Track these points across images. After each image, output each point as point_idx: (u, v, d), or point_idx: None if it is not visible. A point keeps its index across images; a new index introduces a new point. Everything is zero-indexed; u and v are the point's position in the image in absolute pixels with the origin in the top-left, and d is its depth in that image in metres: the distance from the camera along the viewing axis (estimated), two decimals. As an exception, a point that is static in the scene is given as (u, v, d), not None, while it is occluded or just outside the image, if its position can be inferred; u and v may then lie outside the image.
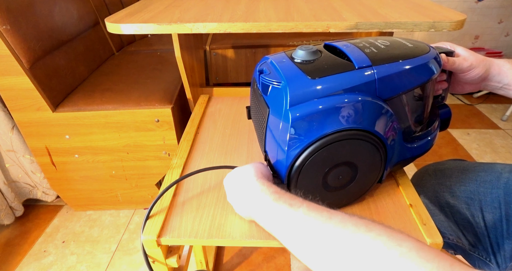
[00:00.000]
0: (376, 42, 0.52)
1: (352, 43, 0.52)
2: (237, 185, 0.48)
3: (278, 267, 1.13)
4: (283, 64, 0.49)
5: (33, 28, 1.05)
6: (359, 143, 0.47)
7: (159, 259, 0.53)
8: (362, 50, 0.49)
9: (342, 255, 0.32)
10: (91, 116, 1.10)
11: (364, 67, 0.47)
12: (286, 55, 0.52)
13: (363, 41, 0.53)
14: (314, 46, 0.51)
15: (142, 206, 1.39)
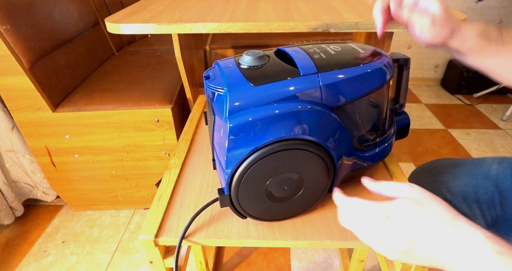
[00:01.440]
0: (327, 48, 0.51)
1: (303, 48, 0.50)
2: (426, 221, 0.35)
3: (278, 267, 1.13)
4: (228, 70, 0.48)
5: (33, 28, 1.05)
6: (302, 153, 0.45)
7: (157, 259, 0.53)
8: (310, 56, 0.48)
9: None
10: (91, 116, 1.10)
11: (309, 74, 0.45)
12: (234, 60, 0.50)
13: (316, 47, 0.51)
14: (262, 52, 0.49)
15: (142, 206, 1.39)
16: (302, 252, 1.19)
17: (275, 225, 0.51)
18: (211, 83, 0.48)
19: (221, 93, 0.45)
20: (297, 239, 0.49)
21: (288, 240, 0.49)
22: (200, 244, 0.51)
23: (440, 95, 2.29)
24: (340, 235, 0.49)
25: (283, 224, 0.51)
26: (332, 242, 0.49)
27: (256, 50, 0.49)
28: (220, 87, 0.45)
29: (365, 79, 0.47)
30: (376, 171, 0.63)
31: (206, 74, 0.50)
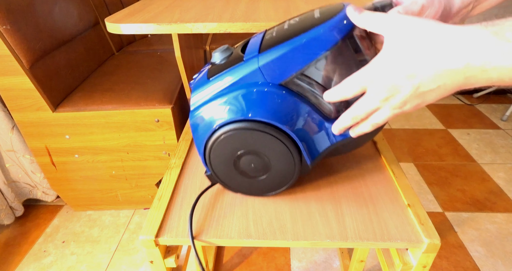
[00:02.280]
0: (286, 22, 0.51)
1: (270, 29, 0.52)
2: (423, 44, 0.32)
3: (278, 267, 1.13)
4: (204, 68, 0.54)
5: (33, 28, 1.05)
6: (253, 133, 0.47)
7: (157, 259, 0.53)
8: (263, 38, 0.49)
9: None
10: (91, 116, 1.10)
11: (250, 58, 0.47)
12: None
13: (282, 23, 0.52)
14: (226, 46, 0.52)
15: (142, 206, 1.39)
16: (302, 252, 1.19)
17: (276, 225, 0.51)
18: (194, 82, 0.54)
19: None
20: (297, 239, 0.49)
21: (288, 240, 0.49)
22: (200, 244, 0.51)
23: (440, 95, 2.29)
24: (340, 235, 0.49)
25: (283, 224, 0.51)
26: (332, 242, 0.49)
27: (224, 46, 0.53)
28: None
29: (305, 49, 0.44)
30: (376, 171, 0.63)
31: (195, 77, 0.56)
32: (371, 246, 0.49)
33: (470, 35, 0.29)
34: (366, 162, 0.65)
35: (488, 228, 1.25)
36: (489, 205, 1.36)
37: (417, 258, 0.49)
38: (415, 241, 0.48)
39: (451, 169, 1.57)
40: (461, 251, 1.17)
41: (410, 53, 0.32)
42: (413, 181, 1.49)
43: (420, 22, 0.32)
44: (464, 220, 1.29)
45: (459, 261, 1.13)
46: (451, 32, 0.30)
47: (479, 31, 0.29)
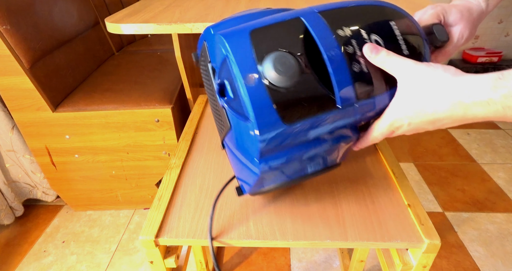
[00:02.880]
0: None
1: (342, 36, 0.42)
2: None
3: (278, 267, 1.13)
4: (250, 88, 0.38)
5: (33, 28, 1.05)
6: None
7: (157, 259, 0.53)
8: (349, 70, 0.40)
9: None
10: (91, 116, 1.10)
11: (347, 105, 0.40)
12: (254, 56, 0.39)
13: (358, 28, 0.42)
14: (290, 56, 0.39)
15: (142, 206, 1.39)
16: (302, 252, 1.19)
17: (276, 225, 0.51)
18: (230, 104, 0.41)
19: (246, 123, 0.40)
20: (297, 239, 0.49)
21: (288, 240, 0.49)
22: (201, 244, 0.51)
23: (440, 95, 2.29)
24: (340, 235, 0.49)
25: (284, 224, 0.51)
26: (333, 242, 0.49)
27: (284, 53, 0.39)
28: (243, 115, 0.40)
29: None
30: (376, 171, 0.63)
31: (221, 82, 0.42)
32: (371, 246, 0.49)
33: (471, 87, 0.35)
34: (366, 161, 0.65)
35: (488, 228, 1.25)
36: (489, 205, 1.36)
37: (417, 258, 0.49)
38: (415, 241, 0.48)
39: (451, 169, 1.57)
40: (461, 251, 1.17)
41: (426, 101, 0.38)
42: (413, 181, 1.49)
43: (430, 74, 0.38)
44: (464, 220, 1.29)
45: (459, 261, 1.13)
46: (455, 83, 0.36)
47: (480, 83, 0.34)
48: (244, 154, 0.45)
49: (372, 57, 0.40)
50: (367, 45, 0.40)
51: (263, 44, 0.39)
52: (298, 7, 0.48)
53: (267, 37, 0.40)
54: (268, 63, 0.38)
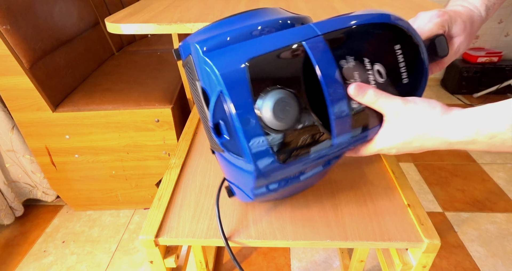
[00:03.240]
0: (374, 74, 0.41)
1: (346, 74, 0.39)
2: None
3: (278, 267, 1.13)
4: (247, 132, 0.37)
5: (33, 28, 1.05)
6: None
7: (157, 259, 0.53)
8: (348, 108, 0.40)
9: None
10: (91, 116, 1.10)
11: (342, 142, 0.41)
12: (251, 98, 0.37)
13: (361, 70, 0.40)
14: (289, 99, 0.37)
15: (142, 206, 1.39)
16: (302, 252, 1.19)
17: (276, 225, 0.51)
18: (226, 144, 0.40)
19: (240, 162, 0.40)
20: (297, 239, 0.49)
21: (288, 240, 0.49)
22: (200, 244, 0.51)
23: (440, 95, 2.29)
24: (340, 235, 0.49)
25: (284, 223, 0.51)
26: (332, 242, 0.49)
27: (282, 92, 0.37)
28: (236, 155, 0.40)
29: None
30: (376, 171, 0.63)
31: (215, 122, 0.39)
32: (371, 246, 0.49)
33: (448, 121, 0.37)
34: (366, 161, 0.65)
35: (488, 228, 1.25)
36: (489, 205, 1.36)
37: (417, 258, 0.49)
38: (415, 241, 0.48)
39: (451, 169, 1.57)
40: (461, 251, 1.17)
41: (413, 137, 0.39)
42: (413, 181, 1.49)
43: (418, 113, 0.39)
44: (464, 220, 1.29)
45: (459, 261, 1.13)
46: (442, 123, 0.37)
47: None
48: (238, 179, 0.45)
49: (358, 98, 0.40)
50: (352, 86, 0.39)
51: (262, 80, 0.37)
52: (298, 7, 0.48)
53: (266, 70, 0.37)
54: (267, 108, 0.36)
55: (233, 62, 0.36)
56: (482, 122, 0.34)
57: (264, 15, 0.42)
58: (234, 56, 0.36)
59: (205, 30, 0.41)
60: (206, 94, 0.39)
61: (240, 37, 0.38)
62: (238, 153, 0.39)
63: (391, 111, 0.40)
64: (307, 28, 0.39)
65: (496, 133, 0.33)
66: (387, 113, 0.40)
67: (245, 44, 0.38)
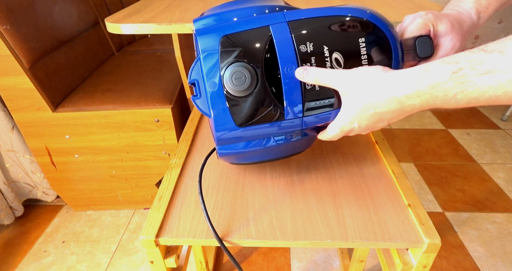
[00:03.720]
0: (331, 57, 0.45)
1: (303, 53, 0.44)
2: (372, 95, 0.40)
3: (278, 267, 1.13)
4: (212, 92, 0.45)
5: (33, 28, 1.05)
6: None
7: (157, 259, 0.53)
8: (301, 87, 0.45)
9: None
10: (91, 116, 1.10)
11: (294, 118, 0.46)
12: (219, 72, 0.45)
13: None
14: (246, 71, 0.44)
15: (142, 206, 1.39)
16: (302, 252, 1.19)
17: (276, 225, 0.51)
18: (198, 103, 0.48)
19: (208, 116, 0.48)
20: (297, 239, 0.49)
21: (289, 240, 0.49)
22: (201, 244, 0.51)
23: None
24: (341, 235, 0.49)
25: (284, 223, 0.52)
26: (333, 242, 0.49)
27: (240, 65, 0.44)
28: (205, 114, 0.47)
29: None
30: (376, 171, 0.63)
31: (192, 81, 0.47)
32: (372, 246, 0.49)
33: (396, 77, 0.38)
34: (366, 162, 0.65)
35: (488, 228, 1.25)
36: (489, 205, 1.36)
37: (418, 258, 0.49)
38: (415, 241, 0.48)
39: (451, 169, 1.57)
40: (461, 251, 1.17)
41: (364, 102, 0.40)
42: (413, 181, 1.49)
43: (361, 75, 0.41)
44: (464, 220, 1.29)
45: (459, 261, 1.13)
46: (385, 79, 0.39)
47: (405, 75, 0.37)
48: (212, 133, 0.53)
49: (305, 78, 0.43)
50: (297, 70, 0.44)
51: (229, 53, 0.44)
52: (298, 7, 0.48)
53: (235, 44, 0.44)
54: (227, 75, 0.44)
55: (211, 37, 0.44)
56: (423, 72, 0.35)
57: (255, 1, 0.50)
58: (213, 33, 0.45)
59: (206, 16, 0.48)
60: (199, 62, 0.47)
61: (227, 19, 0.47)
62: (206, 111, 0.47)
63: (337, 82, 0.42)
64: (279, 15, 0.45)
65: (437, 82, 0.34)
66: (334, 86, 0.42)
67: (226, 24, 0.45)
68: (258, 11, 0.47)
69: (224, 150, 0.51)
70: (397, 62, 0.45)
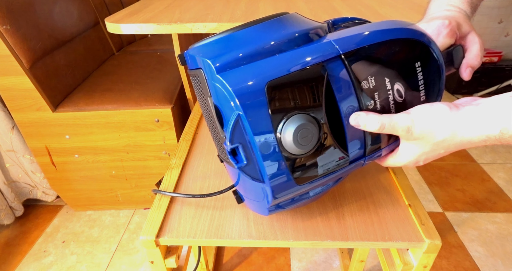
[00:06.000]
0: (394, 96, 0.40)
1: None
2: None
3: (278, 267, 1.13)
4: (267, 157, 0.37)
5: (33, 28, 1.05)
6: None
7: (157, 260, 0.53)
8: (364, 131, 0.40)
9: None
10: (91, 116, 1.10)
11: (356, 161, 0.42)
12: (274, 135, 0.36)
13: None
14: (310, 125, 0.36)
15: (142, 206, 1.39)
16: (302, 252, 1.19)
17: (276, 225, 0.51)
18: (243, 168, 0.39)
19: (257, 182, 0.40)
20: (298, 239, 0.49)
21: (289, 240, 0.49)
22: (201, 244, 0.51)
23: (440, 95, 2.29)
24: (341, 235, 0.49)
25: (284, 223, 0.51)
26: (333, 242, 0.49)
27: (303, 118, 0.36)
28: (257, 178, 0.39)
29: None
30: (376, 171, 0.63)
31: (233, 146, 0.38)
32: (372, 246, 0.49)
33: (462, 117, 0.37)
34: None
35: (488, 228, 1.25)
36: (489, 205, 1.36)
37: (418, 258, 0.49)
38: (415, 241, 0.48)
39: (451, 169, 1.57)
40: (461, 251, 1.17)
41: (439, 146, 0.39)
42: (413, 181, 1.49)
43: (432, 119, 0.38)
44: (464, 220, 1.29)
45: (459, 261, 1.13)
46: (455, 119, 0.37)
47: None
48: (252, 195, 0.45)
49: (364, 128, 0.39)
50: (352, 117, 0.38)
51: (282, 104, 0.35)
52: (298, 7, 0.48)
53: (285, 93, 0.35)
54: (288, 135, 0.36)
55: (251, 85, 0.34)
56: (506, 118, 0.33)
57: (280, 25, 0.39)
58: (251, 78, 0.34)
59: (215, 42, 0.38)
60: (219, 111, 0.38)
61: (255, 53, 0.36)
62: (257, 177, 0.39)
63: (401, 130, 0.38)
64: (327, 45, 0.37)
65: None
66: (399, 133, 0.39)
67: (262, 64, 0.35)
68: (288, 40, 0.37)
69: (273, 210, 0.45)
70: (443, 78, 0.43)
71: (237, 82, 0.34)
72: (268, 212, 0.45)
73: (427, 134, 0.38)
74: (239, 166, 0.38)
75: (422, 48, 0.40)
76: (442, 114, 0.37)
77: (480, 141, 0.35)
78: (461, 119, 0.36)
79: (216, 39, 0.38)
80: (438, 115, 0.37)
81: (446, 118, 0.37)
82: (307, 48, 0.37)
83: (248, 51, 0.36)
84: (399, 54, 0.39)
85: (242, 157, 0.38)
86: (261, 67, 0.35)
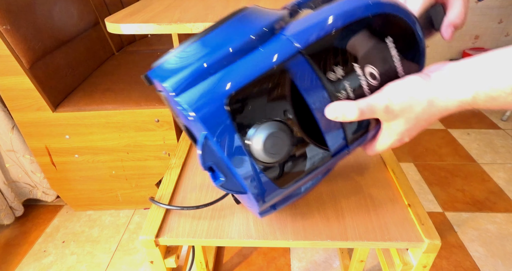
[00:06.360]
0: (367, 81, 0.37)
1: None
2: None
3: (278, 267, 1.13)
4: (239, 166, 0.36)
5: (33, 28, 1.05)
6: None
7: (157, 259, 0.53)
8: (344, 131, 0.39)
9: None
10: (91, 116, 1.10)
11: (339, 153, 0.40)
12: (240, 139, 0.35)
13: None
14: (279, 133, 0.35)
15: (142, 206, 1.39)
16: (302, 252, 1.19)
17: (276, 225, 0.51)
18: (224, 185, 0.38)
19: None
20: (297, 239, 0.49)
21: (289, 240, 0.49)
22: (201, 244, 0.51)
23: (440, 95, 2.29)
24: (341, 235, 0.49)
25: (284, 223, 0.51)
26: (333, 242, 0.49)
27: (271, 126, 0.34)
28: (239, 191, 0.39)
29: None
30: (376, 171, 0.63)
31: (208, 166, 0.37)
32: (372, 246, 0.49)
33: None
34: (366, 161, 0.65)
35: (488, 228, 1.25)
36: (489, 205, 1.36)
37: (418, 258, 0.49)
38: (415, 241, 0.48)
39: (451, 169, 1.57)
40: (461, 251, 1.17)
41: (420, 118, 0.37)
42: (413, 181, 1.49)
43: (407, 95, 0.37)
44: (464, 220, 1.29)
45: (459, 261, 1.13)
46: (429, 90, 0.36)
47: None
48: (245, 202, 0.46)
49: (341, 120, 0.37)
50: (328, 113, 0.36)
51: (247, 115, 0.34)
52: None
53: (249, 103, 0.34)
54: (257, 147, 0.34)
55: (211, 104, 0.33)
56: (479, 82, 0.32)
57: (237, 27, 0.38)
58: (210, 96, 0.33)
59: (172, 61, 0.37)
60: (190, 130, 0.37)
61: (212, 65, 0.34)
62: (239, 190, 0.38)
63: (380, 110, 0.37)
64: (285, 43, 0.34)
65: (497, 95, 0.31)
66: (379, 116, 0.38)
67: (220, 77, 0.33)
68: (245, 44, 0.35)
69: (266, 213, 0.45)
70: (422, 46, 0.40)
71: (196, 103, 0.33)
72: (261, 215, 0.45)
73: (406, 109, 0.36)
74: (218, 183, 0.38)
75: (390, 20, 0.36)
76: (416, 85, 0.36)
77: (456, 107, 0.35)
78: (434, 87, 0.35)
79: (171, 58, 0.37)
80: (412, 87, 0.36)
81: (421, 89, 0.35)
82: (264, 51, 0.34)
83: (204, 65, 0.34)
84: (365, 35, 0.36)
85: (219, 173, 0.37)
86: (218, 82, 0.33)
